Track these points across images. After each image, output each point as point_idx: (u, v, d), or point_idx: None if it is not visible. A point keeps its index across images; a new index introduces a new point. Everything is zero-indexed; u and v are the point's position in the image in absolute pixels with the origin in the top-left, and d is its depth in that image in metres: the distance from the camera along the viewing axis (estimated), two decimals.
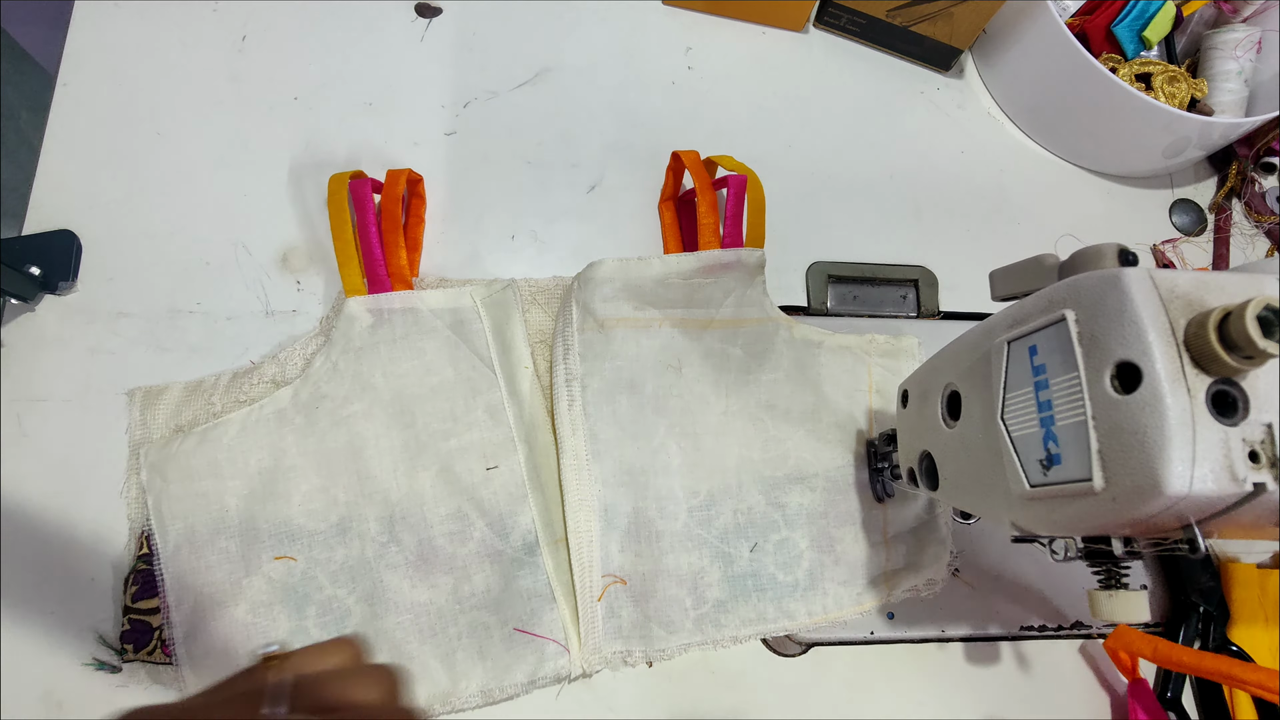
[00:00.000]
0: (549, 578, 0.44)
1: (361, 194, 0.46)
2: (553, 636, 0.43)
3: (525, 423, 0.46)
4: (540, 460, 0.46)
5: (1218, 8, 0.61)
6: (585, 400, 0.46)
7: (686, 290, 0.48)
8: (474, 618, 0.43)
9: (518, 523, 0.44)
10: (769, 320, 0.49)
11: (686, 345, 0.48)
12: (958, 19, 0.57)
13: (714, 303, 0.49)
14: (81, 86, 0.51)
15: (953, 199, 0.58)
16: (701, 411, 0.47)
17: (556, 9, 0.59)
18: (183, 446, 0.43)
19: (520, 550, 0.44)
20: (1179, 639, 0.47)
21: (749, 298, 0.49)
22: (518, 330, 0.48)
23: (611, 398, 0.46)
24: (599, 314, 0.47)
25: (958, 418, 0.35)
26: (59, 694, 0.40)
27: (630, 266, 0.48)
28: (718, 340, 0.48)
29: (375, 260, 0.46)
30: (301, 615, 0.42)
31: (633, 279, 0.47)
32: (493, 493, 0.44)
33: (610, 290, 0.47)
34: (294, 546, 0.43)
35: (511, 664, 0.42)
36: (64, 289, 0.47)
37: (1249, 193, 0.61)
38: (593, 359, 0.46)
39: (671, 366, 0.47)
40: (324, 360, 0.46)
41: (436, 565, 0.43)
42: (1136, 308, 0.26)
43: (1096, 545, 0.33)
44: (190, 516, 0.42)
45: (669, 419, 0.46)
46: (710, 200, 0.49)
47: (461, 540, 0.44)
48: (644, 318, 0.48)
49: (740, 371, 0.48)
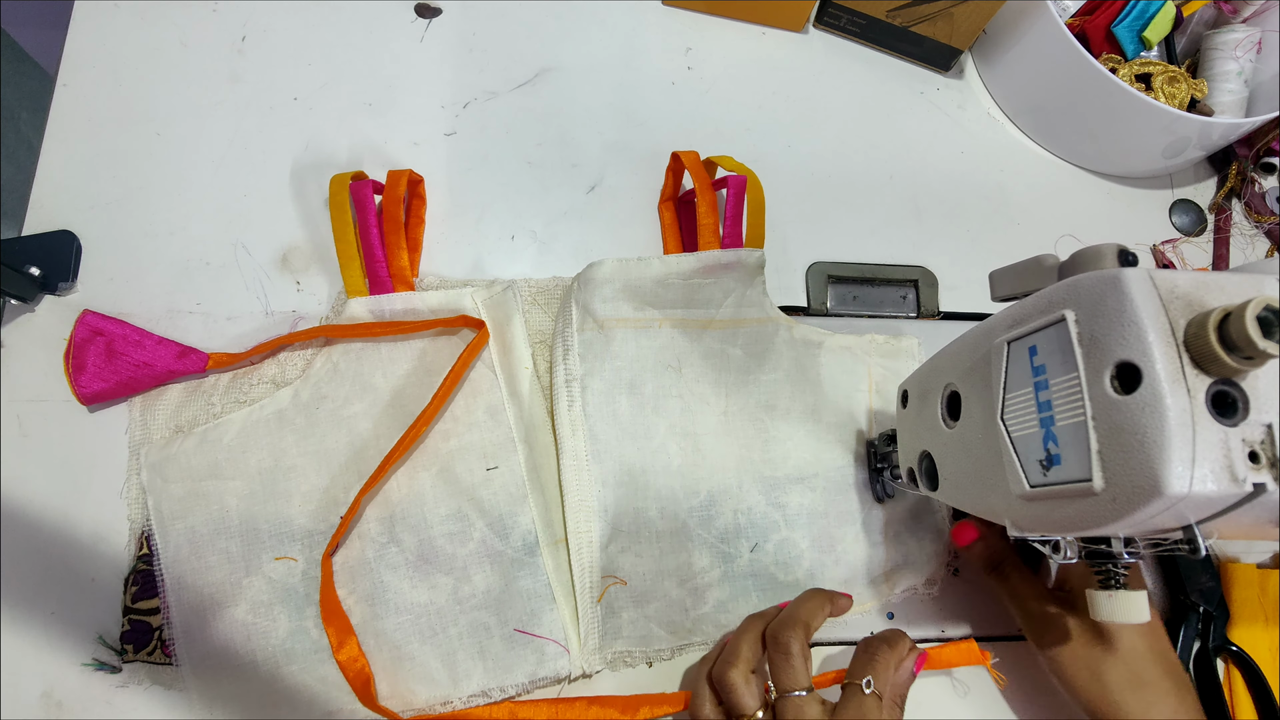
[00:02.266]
0: (549, 578, 0.44)
1: (362, 195, 0.46)
2: (552, 637, 0.43)
3: (525, 423, 0.46)
4: (540, 461, 0.46)
5: (1218, 8, 0.61)
6: (585, 401, 0.46)
7: (686, 290, 0.48)
8: (474, 618, 0.43)
9: (518, 523, 0.44)
10: (769, 320, 0.49)
11: (686, 346, 0.48)
12: (958, 19, 0.57)
13: (714, 303, 0.49)
14: (81, 86, 0.51)
15: (953, 199, 0.58)
16: (701, 412, 0.47)
17: (556, 9, 0.59)
18: (183, 447, 0.43)
19: (520, 551, 0.44)
20: (1179, 639, 0.47)
21: (749, 298, 0.49)
22: (518, 331, 0.48)
23: (611, 398, 0.46)
24: (599, 314, 0.47)
25: (958, 418, 0.35)
26: (59, 694, 0.40)
27: (630, 267, 0.47)
28: (717, 340, 0.48)
29: (377, 261, 0.46)
30: (302, 616, 0.42)
31: (632, 279, 0.47)
32: (493, 493, 0.44)
33: (610, 291, 0.47)
34: (294, 547, 0.43)
35: (512, 664, 0.42)
36: (64, 289, 0.47)
37: (1249, 193, 0.61)
38: (593, 359, 0.46)
39: (671, 367, 0.47)
40: (324, 361, 0.46)
41: (436, 565, 0.43)
42: (1136, 308, 0.26)
43: (1096, 545, 0.33)
44: (191, 517, 0.42)
45: (669, 419, 0.46)
46: (710, 200, 0.49)
47: (461, 541, 0.44)
48: (644, 318, 0.48)
49: (740, 372, 0.48)
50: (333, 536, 0.42)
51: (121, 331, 0.44)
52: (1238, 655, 0.47)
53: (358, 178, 0.47)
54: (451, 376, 0.44)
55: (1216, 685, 0.47)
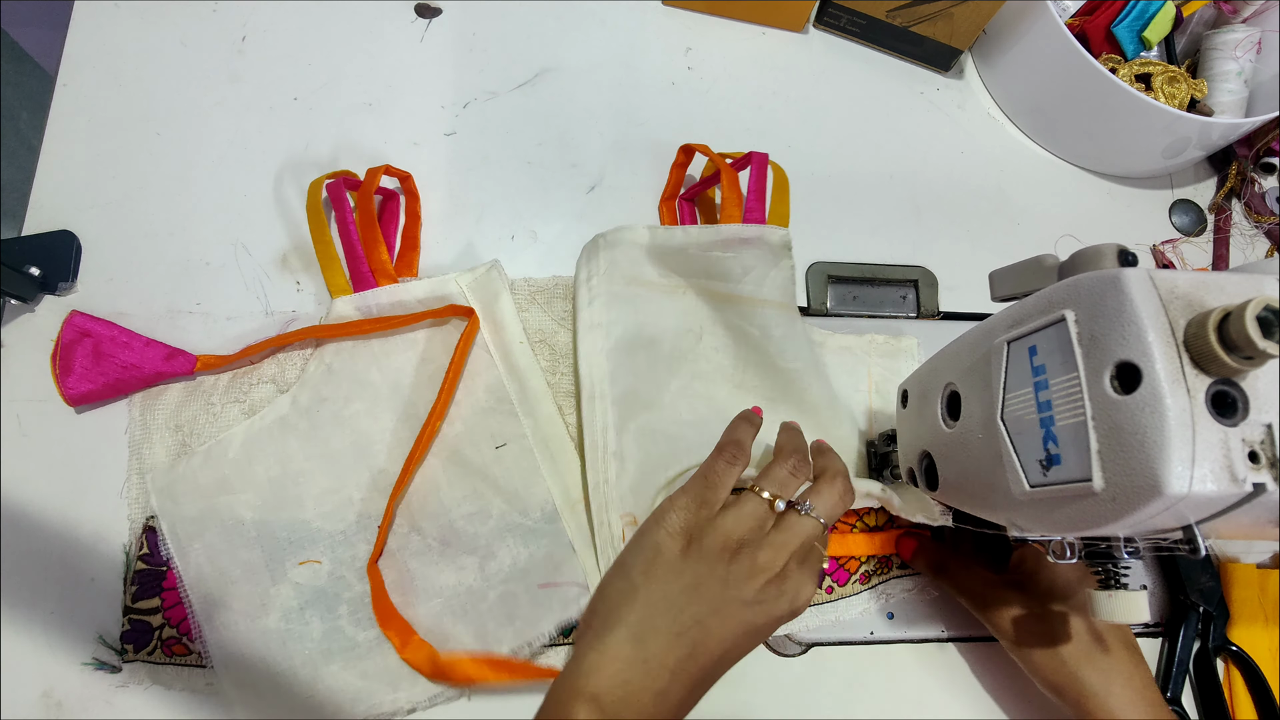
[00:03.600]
0: (570, 538, 0.44)
1: (339, 194, 0.47)
2: (574, 580, 0.43)
3: (528, 397, 0.46)
4: (547, 430, 0.46)
5: (1218, 8, 0.61)
6: (608, 346, 0.46)
7: (704, 263, 0.49)
8: (503, 590, 0.43)
9: (534, 495, 0.45)
10: (788, 307, 0.49)
11: (709, 314, 0.49)
12: (958, 19, 0.57)
13: (732, 277, 0.48)
14: (81, 87, 0.51)
15: (953, 199, 0.58)
16: (717, 380, 0.48)
17: (556, 9, 0.59)
18: (189, 466, 0.43)
19: (540, 521, 0.44)
20: (1179, 639, 0.47)
21: (771, 279, 0.49)
22: (507, 307, 0.48)
23: (633, 350, 0.47)
24: (626, 273, 0.48)
25: (958, 418, 0.35)
26: (58, 693, 0.40)
27: (657, 234, 0.49)
28: (738, 316, 0.48)
29: (357, 258, 0.47)
30: (334, 615, 0.42)
31: (658, 244, 0.49)
32: (505, 470, 0.45)
33: (638, 254, 0.48)
34: (316, 549, 0.43)
35: (539, 617, 0.43)
36: (64, 289, 0.47)
37: (1249, 193, 0.61)
38: (617, 310, 0.47)
39: (692, 331, 0.48)
40: (318, 363, 0.46)
41: (460, 547, 0.44)
42: (1136, 308, 0.26)
43: (1096, 545, 0.33)
44: (207, 535, 0.42)
45: (682, 380, 0.47)
46: (732, 176, 0.49)
47: (481, 520, 0.44)
48: (668, 284, 0.49)
49: (758, 352, 0.48)
50: (375, 545, 0.42)
51: (109, 333, 0.44)
52: (1238, 655, 0.47)
53: (335, 178, 0.47)
54: (452, 372, 0.44)
55: (1216, 685, 0.47)
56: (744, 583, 0.34)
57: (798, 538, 0.35)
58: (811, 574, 0.35)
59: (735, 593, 0.33)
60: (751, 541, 0.35)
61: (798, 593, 0.34)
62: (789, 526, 0.35)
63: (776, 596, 0.34)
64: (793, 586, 0.34)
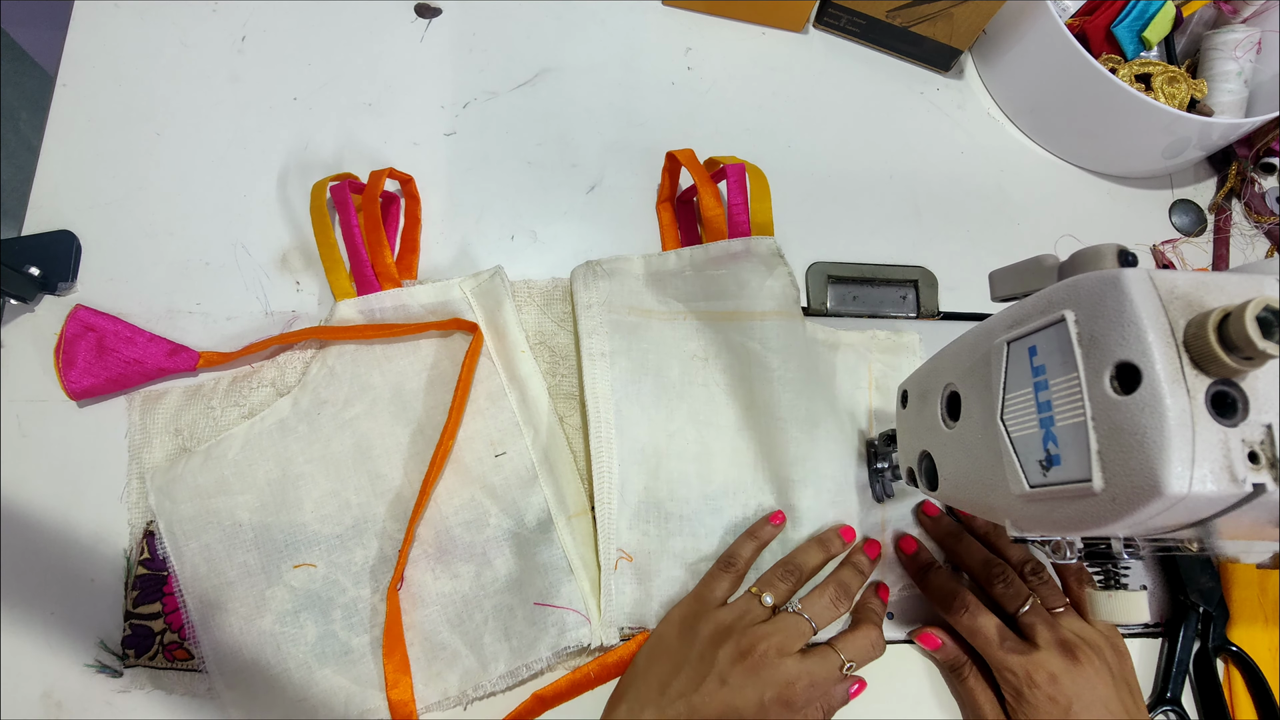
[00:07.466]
0: (564, 551, 0.44)
1: (343, 197, 0.47)
2: (572, 607, 0.43)
3: (529, 405, 0.46)
4: (548, 441, 0.46)
5: (1218, 8, 0.61)
6: (614, 376, 0.46)
7: (702, 282, 0.49)
8: (498, 601, 0.43)
9: (531, 504, 0.44)
10: (786, 314, 0.49)
11: (712, 336, 0.49)
12: (958, 19, 0.57)
13: (729, 294, 0.49)
14: (81, 86, 0.51)
15: (953, 199, 0.58)
16: (725, 403, 0.48)
17: (556, 9, 0.59)
18: (188, 467, 0.43)
19: (535, 530, 0.44)
20: (1179, 639, 0.47)
21: (768, 289, 0.49)
22: (510, 315, 0.48)
23: (638, 378, 0.47)
24: (626, 301, 0.48)
25: (957, 418, 0.35)
26: (59, 694, 0.40)
27: (651, 261, 0.50)
28: (738, 333, 0.48)
29: (361, 261, 0.46)
30: (328, 619, 0.42)
31: (654, 271, 0.49)
32: (504, 478, 0.45)
33: (635, 283, 0.49)
34: (312, 553, 0.43)
35: (535, 638, 0.42)
36: (64, 289, 0.47)
37: (1249, 193, 0.61)
38: (620, 339, 0.47)
39: (698, 357, 0.48)
40: (320, 366, 0.46)
41: (456, 555, 0.44)
42: (1136, 308, 0.26)
43: (1096, 545, 0.33)
44: (204, 535, 0.42)
45: (690, 406, 0.47)
46: (713, 192, 0.49)
47: (478, 528, 0.44)
48: (669, 311, 0.49)
49: (761, 367, 0.48)
50: (395, 570, 0.42)
51: (113, 328, 0.44)
52: (1238, 655, 0.47)
53: (339, 180, 0.47)
54: (460, 391, 0.44)
55: (1216, 685, 0.47)
56: (726, 666, 0.38)
57: (781, 631, 0.39)
58: (795, 663, 0.38)
59: (715, 672, 0.38)
60: (739, 630, 0.39)
61: (773, 678, 0.37)
62: (776, 620, 0.40)
63: (752, 680, 0.37)
64: (770, 674, 0.37)
